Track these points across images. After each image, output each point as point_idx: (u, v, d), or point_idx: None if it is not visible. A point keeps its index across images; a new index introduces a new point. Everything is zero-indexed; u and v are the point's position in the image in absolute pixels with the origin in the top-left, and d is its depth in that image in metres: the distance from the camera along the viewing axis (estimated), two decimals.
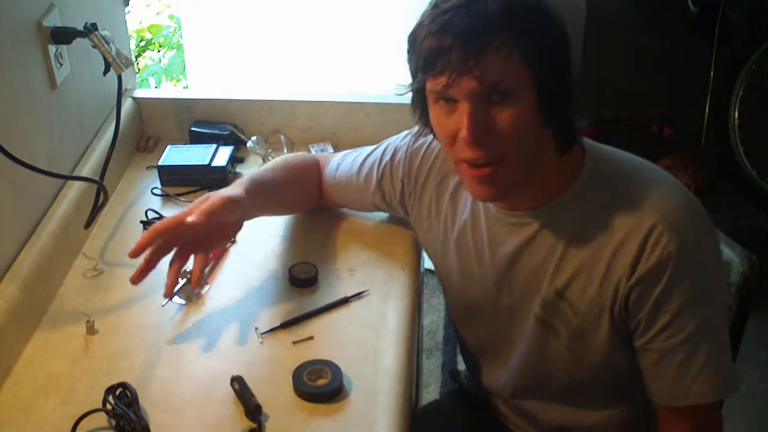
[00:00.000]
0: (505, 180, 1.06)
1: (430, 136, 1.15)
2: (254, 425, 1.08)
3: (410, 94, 1.10)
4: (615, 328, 1.11)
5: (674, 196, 1.08)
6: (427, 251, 1.35)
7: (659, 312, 1.05)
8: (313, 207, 1.49)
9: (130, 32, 1.96)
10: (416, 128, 1.18)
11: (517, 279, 1.17)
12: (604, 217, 1.08)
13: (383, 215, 1.47)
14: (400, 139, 1.33)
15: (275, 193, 1.38)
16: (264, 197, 1.33)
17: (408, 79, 1.08)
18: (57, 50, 1.40)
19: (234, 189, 1.27)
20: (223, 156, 1.62)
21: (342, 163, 1.41)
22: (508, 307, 1.21)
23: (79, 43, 1.41)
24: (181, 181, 1.61)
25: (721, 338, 1.10)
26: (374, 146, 1.38)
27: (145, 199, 1.58)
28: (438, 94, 1.02)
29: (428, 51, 1.00)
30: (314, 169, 1.45)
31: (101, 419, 1.08)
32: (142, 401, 1.11)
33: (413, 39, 1.03)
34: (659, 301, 1.05)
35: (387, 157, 1.33)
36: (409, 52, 1.05)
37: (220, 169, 1.60)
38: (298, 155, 1.50)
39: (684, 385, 1.07)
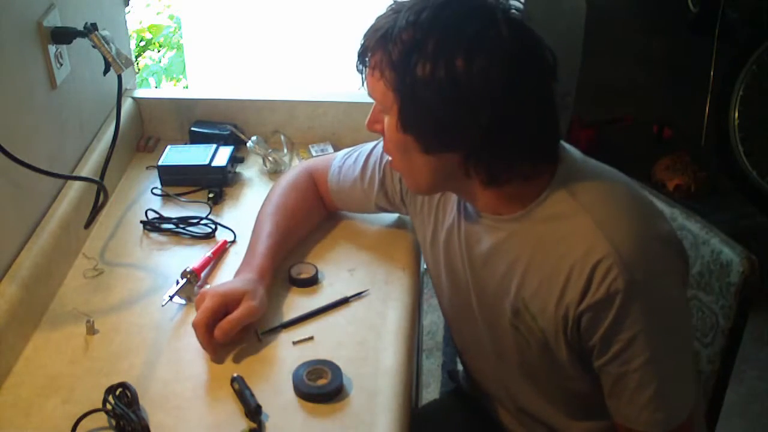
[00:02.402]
0: (406, 179, 1.16)
1: None
2: (254, 425, 1.08)
3: None
4: (572, 348, 1.10)
5: (636, 228, 1.05)
6: (422, 249, 1.35)
7: (612, 340, 1.05)
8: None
9: (130, 32, 1.96)
10: None
11: (488, 280, 1.17)
12: (563, 238, 1.06)
13: (383, 215, 1.47)
14: None
15: (287, 245, 1.38)
16: (278, 258, 1.35)
17: None
18: (57, 50, 1.40)
19: (253, 284, 1.24)
20: (223, 156, 1.62)
21: (343, 165, 1.41)
22: (483, 308, 1.21)
23: (79, 43, 1.41)
24: (181, 181, 1.61)
25: (673, 373, 1.08)
26: (374, 143, 1.39)
27: (145, 199, 1.58)
28: None
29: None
30: (311, 189, 1.44)
31: (101, 419, 1.08)
32: (142, 401, 1.11)
33: None
34: (610, 331, 1.04)
35: (387, 156, 1.33)
36: None
37: (220, 169, 1.60)
38: (292, 184, 1.44)
39: (635, 410, 1.08)
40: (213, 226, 1.48)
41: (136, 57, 3.44)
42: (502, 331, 1.19)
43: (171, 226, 1.49)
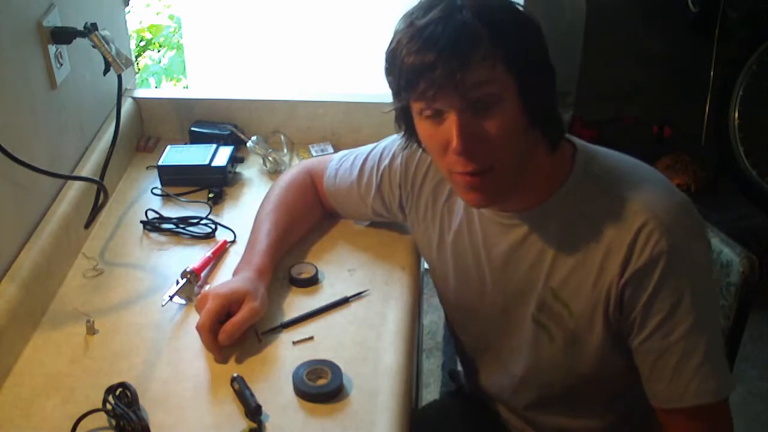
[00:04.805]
0: (496, 187, 1.07)
1: None
2: (254, 425, 1.08)
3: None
4: (609, 330, 1.11)
5: (665, 195, 1.08)
6: (423, 253, 1.35)
7: (652, 310, 1.05)
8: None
9: (130, 32, 1.96)
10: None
11: (511, 278, 1.18)
12: (595, 217, 1.08)
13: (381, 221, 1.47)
14: (398, 143, 1.32)
15: (285, 243, 1.38)
16: (277, 257, 1.34)
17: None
18: (57, 50, 1.40)
19: (254, 283, 1.24)
20: (223, 156, 1.62)
21: (340, 168, 1.41)
22: (503, 307, 1.21)
23: (79, 43, 1.41)
24: (181, 181, 1.61)
25: (716, 338, 1.09)
26: (371, 147, 1.38)
27: (145, 199, 1.58)
28: (425, 109, 1.03)
29: (411, 69, 1.00)
30: (310, 189, 1.44)
31: (101, 419, 1.08)
32: (142, 401, 1.11)
33: (392, 58, 1.03)
34: (651, 299, 1.05)
35: (386, 162, 1.32)
36: (388, 70, 1.05)
37: (220, 169, 1.60)
38: (291, 183, 1.44)
39: (680, 386, 1.07)
40: (213, 226, 1.48)
41: (136, 57, 3.44)
42: (520, 330, 1.20)
43: (171, 226, 1.49)
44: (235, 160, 1.65)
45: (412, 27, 1.00)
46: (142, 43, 3.59)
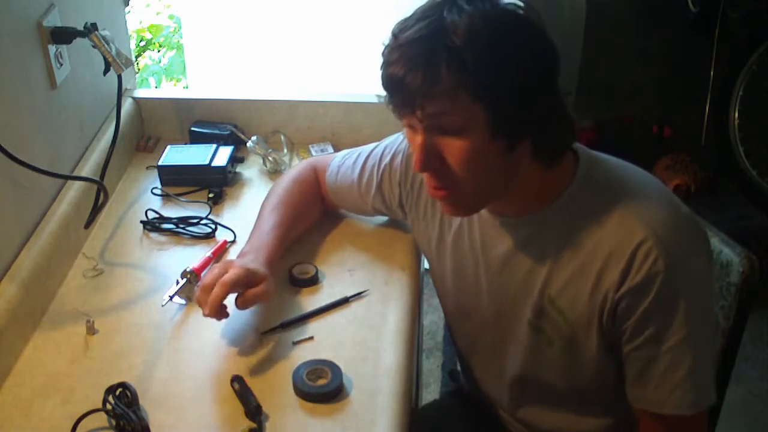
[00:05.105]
0: (466, 201, 1.08)
1: None
2: (254, 425, 1.08)
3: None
4: (604, 337, 1.11)
5: (667, 211, 1.07)
6: (423, 252, 1.36)
7: (645, 325, 1.06)
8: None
9: (130, 32, 1.96)
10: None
11: (508, 283, 1.17)
12: (595, 227, 1.07)
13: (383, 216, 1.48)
14: (399, 142, 1.33)
15: (289, 238, 1.38)
16: (281, 252, 1.34)
17: None
18: (57, 50, 1.40)
19: (267, 272, 1.23)
20: (223, 156, 1.62)
21: (342, 165, 1.41)
22: (499, 311, 1.21)
23: (79, 43, 1.41)
24: (181, 181, 1.61)
25: (705, 354, 1.09)
26: (373, 146, 1.38)
27: (145, 199, 1.58)
28: (401, 119, 1.05)
29: (385, 80, 1.02)
30: (313, 186, 1.45)
31: (101, 419, 1.08)
32: (142, 401, 1.11)
33: (381, 62, 1.04)
34: (645, 315, 1.05)
35: (386, 160, 1.33)
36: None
37: (220, 169, 1.60)
38: (297, 178, 1.44)
39: (663, 393, 1.08)
40: (213, 226, 1.48)
41: (136, 57, 3.44)
42: (516, 334, 1.19)
43: (171, 226, 1.49)
44: (235, 160, 1.65)
45: (394, 39, 1.00)
46: (142, 43, 3.59)
